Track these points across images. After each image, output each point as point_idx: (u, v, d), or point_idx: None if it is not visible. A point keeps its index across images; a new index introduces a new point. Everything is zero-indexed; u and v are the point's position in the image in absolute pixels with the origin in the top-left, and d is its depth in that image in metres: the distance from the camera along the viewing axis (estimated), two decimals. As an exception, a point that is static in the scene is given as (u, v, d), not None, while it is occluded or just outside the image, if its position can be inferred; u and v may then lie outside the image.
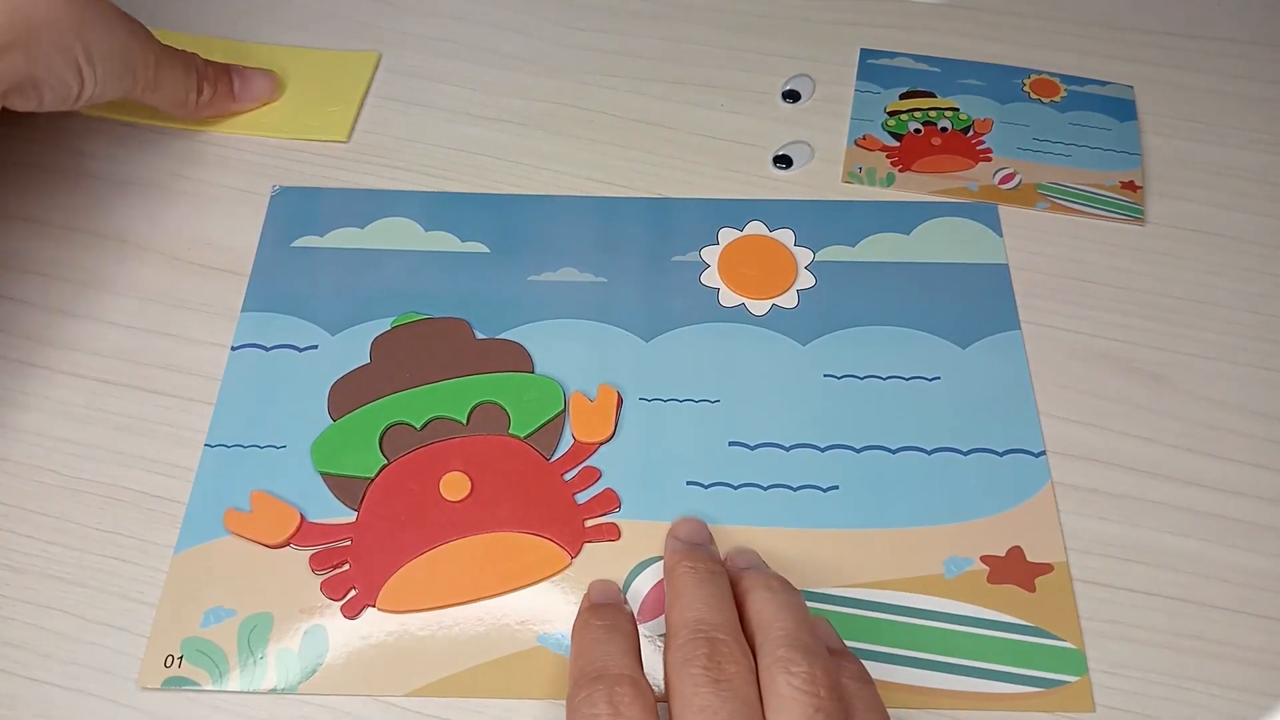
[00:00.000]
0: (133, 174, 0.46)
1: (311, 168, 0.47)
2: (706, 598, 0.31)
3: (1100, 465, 0.39)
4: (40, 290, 0.42)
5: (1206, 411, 0.40)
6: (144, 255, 0.44)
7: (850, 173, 0.47)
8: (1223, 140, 0.49)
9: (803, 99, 0.50)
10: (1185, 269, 0.44)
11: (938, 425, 0.39)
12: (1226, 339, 0.42)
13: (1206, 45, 0.53)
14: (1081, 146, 0.48)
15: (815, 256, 0.44)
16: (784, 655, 0.29)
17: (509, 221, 0.45)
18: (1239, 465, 0.39)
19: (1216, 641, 0.35)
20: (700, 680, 0.28)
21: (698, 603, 0.31)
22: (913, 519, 0.37)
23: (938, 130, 0.49)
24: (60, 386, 0.40)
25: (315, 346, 0.41)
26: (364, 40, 0.52)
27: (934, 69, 0.51)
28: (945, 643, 0.34)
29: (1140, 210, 0.46)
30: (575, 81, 0.50)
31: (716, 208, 0.45)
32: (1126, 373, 0.41)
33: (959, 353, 0.41)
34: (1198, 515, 0.37)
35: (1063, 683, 0.34)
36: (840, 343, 0.41)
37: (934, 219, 0.45)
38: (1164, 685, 0.34)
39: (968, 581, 0.36)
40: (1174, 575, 0.36)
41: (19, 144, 0.47)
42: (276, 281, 0.42)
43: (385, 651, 0.34)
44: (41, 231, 0.44)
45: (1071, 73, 0.51)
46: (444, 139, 0.48)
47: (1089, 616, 0.35)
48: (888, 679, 0.34)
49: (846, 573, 0.36)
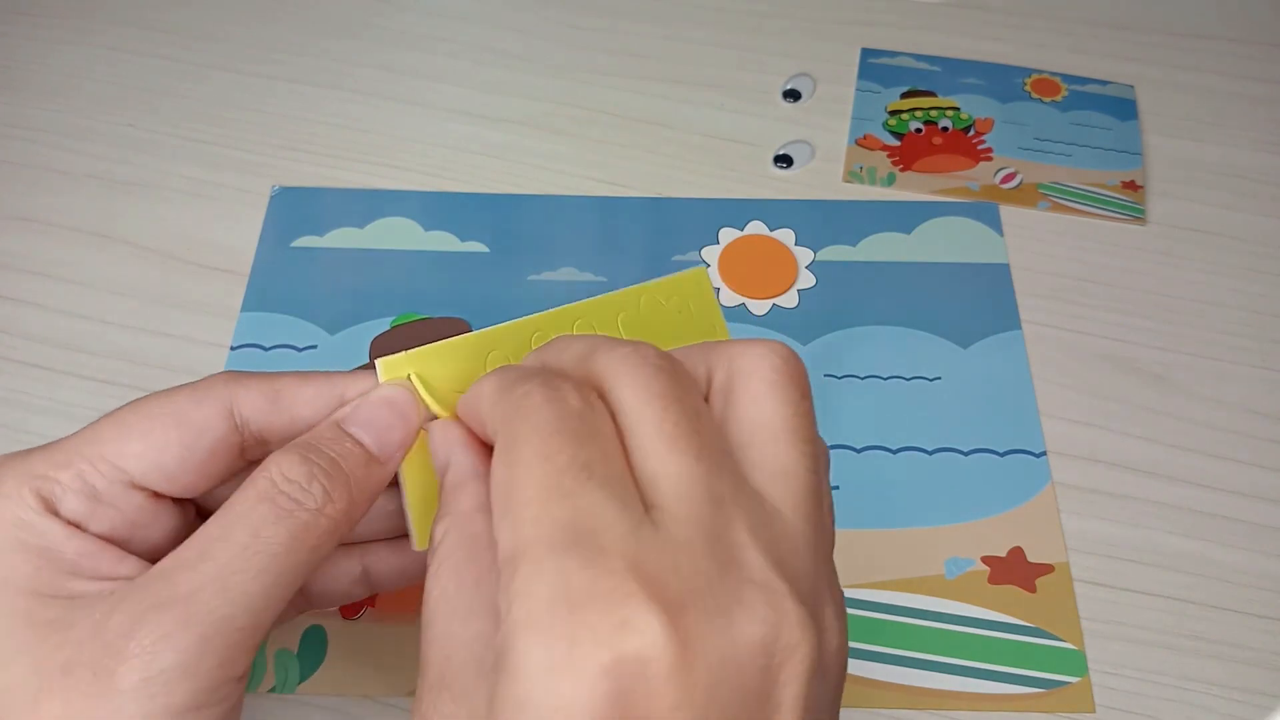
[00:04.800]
0: (133, 174, 0.46)
1: (311, 168, 0.46)
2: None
3: (1100, 465, 0.39)
4: (40, 290, 0.42)
5: (1207, 411, 0.40)
6: (144, 255, 0.44)
7: (851, 172, 0.47)
8: (1223, 140, 0.49)
9: (803, 98, 0.50)
10: (1186, 269, 0.44)
11: (938, 425, 0.39)
12: (1227, 339, 0.42)
13: (1207, 45, 0.53)
14: (1082, 146, 0.48)
15: (816, 256, 0.44)
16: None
17: (509, 221, 0.45)
18: (1239, 465, 0.39)
19: (1216, 641, 0.35)
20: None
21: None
22: (913, 519, 0.37)
23: (939, 129, 0.48)
24: (60, 386, 0.40)
25: (315, 346, 0.41)
26: (363, 39, 0.52)
27: (935, 68, 0.51)
28: (946, 643, 0.34)
29: (1141, 210, 0.46)
30: (575, 81, 0.50)
31: (716, 207, 0.45)
32: (1127, 373, 0.41)
33: (960, 352, 0.41)
34: (1198, 515, 0.37)
35: (1063, 683, 0.34)
36: (841, 343, 0.41)
37: (935, 218, 0.45)
38: (1164, 685, 0.34)
39: (968, 582, 0.36)
40: (1174, 575, 0.36)
41: (19, 144, 0.47)
42: (276, 281, 0.42)
43: (384, 652, 0.34)
44: (41, 231, 0.44)
45: (1072, 72, 0.51)
46: (444, 139, 0.48)
47: (1089, 617, 0.35)
48: (888, 679, 0.34)
49: (846, 573, 0.36)
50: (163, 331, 0.41)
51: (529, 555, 0.18)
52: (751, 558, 0.19)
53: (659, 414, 0.20)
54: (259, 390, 0.25)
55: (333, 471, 0.23)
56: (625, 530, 0.18)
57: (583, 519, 0.18)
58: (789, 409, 0.21)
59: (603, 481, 0.19)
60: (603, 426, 0.20)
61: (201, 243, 0.44)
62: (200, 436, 0.24)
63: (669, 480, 0.20)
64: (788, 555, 0.20)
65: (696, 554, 0.19)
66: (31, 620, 0.21)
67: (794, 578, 0.19)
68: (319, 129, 0.48)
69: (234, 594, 0.21)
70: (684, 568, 0.18)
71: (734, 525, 0.19)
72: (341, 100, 0.49)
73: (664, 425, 0.20)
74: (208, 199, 0.45)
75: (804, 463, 0.21)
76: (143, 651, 0.20)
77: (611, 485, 0.19)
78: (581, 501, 0.19)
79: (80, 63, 0.51)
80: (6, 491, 0.22)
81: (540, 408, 0.20)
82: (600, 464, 0.19)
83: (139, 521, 0.23)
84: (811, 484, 0.21)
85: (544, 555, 0.18)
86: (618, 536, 0.18)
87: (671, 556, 0.18)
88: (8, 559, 0.21)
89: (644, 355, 0.21)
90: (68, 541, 0.22)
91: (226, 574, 0.21)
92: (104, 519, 0.23)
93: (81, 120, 0.48)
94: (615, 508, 0.19)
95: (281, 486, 0.22)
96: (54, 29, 0.52)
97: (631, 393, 0.20)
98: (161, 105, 0.49)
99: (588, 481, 0.19)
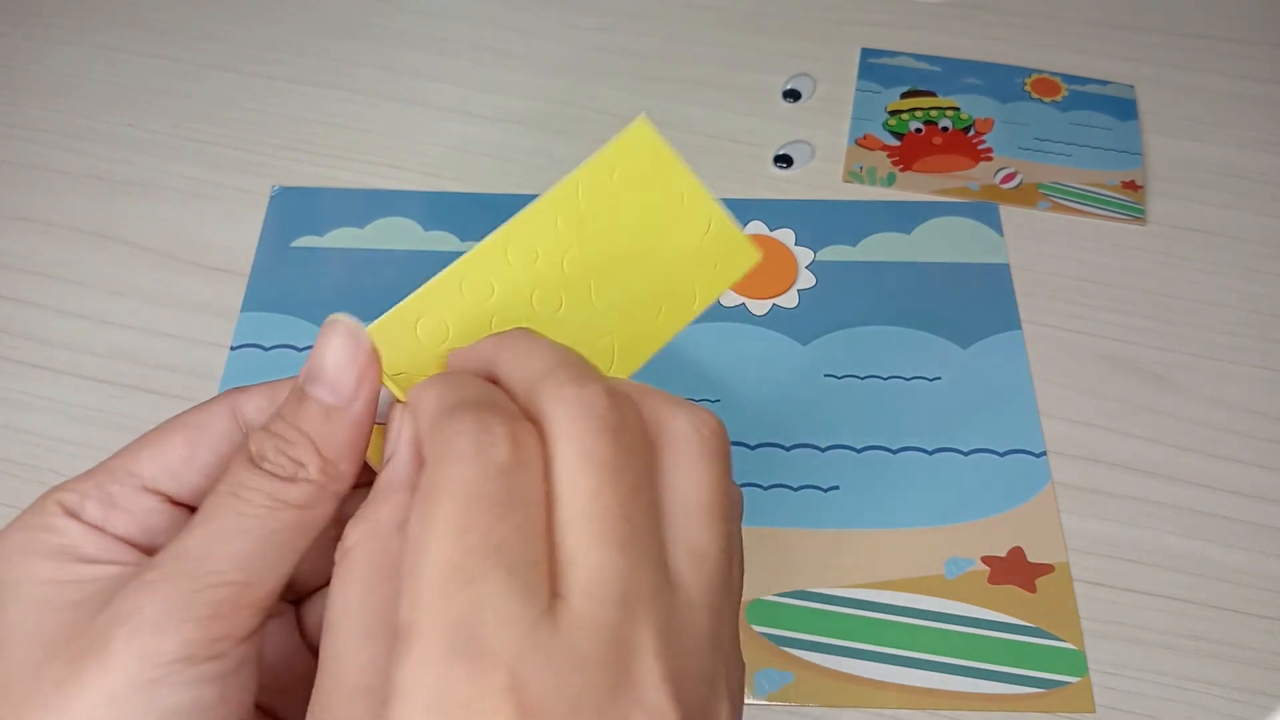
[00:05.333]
0: (133, 174, 0.46)
1: (311, 168, 0.46)
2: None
3: (1100, 465, 0.39)
4: (40, 290, 0.42)
5: (1207, 411, 0.40)
6: (144, 255, 0.44)
7: (851, 172, 0.47)
8: (1223, 140, 0.49)
9: (803, 98, 0.50)
10: (1186, 269, 0.44)
11: (938, 425, 0.39)
12: (1226, 339, 0.42)
13: (1207, 45, 0.53)
14: (1082, 146, 0.48)
15: (816, 256, 0.44)
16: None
17: (509, 221, 0.44)
18: (1239, 465, 0.39)
19: (1217, 641, 0.35)
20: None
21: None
22: (913, 519, 0.37)
23: (939, 129, 0.48)
24: (60, 386, 0.40)
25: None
26: (363, 39, 0.52)
27: (935, 68, 0.51)
28: (946, 643, 0.34)
29: (1141, 210, 0.46)
30: (575, 81, 0.50)
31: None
32: (1127, 373, 0.41)
33: (960, 353, 0.41)
34: (1198, 515, 0.37)
35: (1063, 683, 0.34)
36: (840, 342, 0.41)
37: (935, 218, 0.45)
38: (1164, 685, 0.34)
39: (968, 582, 0.36)
40: (1174, 575, 0.36)
41: (19, 144, 0.47)
42: (276, 281, 0.42)
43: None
44: (41, 231, 0.44)
45: (1072, 72, 0.51)
46: (444, 139, 0.48)
47: (1089, 617, 0.35)
48: (888, 679, 0.34)
49: (846, 573, 0.36)
50: (163, 331, 0.41)
51: (418, 647, 0.18)
52: (649, 672, 0.19)
53: (594, 488, 0.20)
54: (260, 392, 0.25)
55: (296, 439, 0.23)
56: (520, 633, 0.18)
57: (479, 614, 0.18)
58: (715, 485, 0.21)
59: (510, 569, 0.19)
60: (527, 492, 0.20)
61: (201, 243, 0.44)
62: (203, 435, 0.24)
63: (584, 573, 0.19)
64: (690, 659, 0.20)
65: (591, 671, 0.18)
66: (49, 605, 0.22)
67: (689, 695, 0.19)
68: (319, 129, 0.48)
69: (219, 552, 0.22)
70: (572, 688, 0.18)
71: (639, 629, 0.19)
72: (341, 100, 0.49)
73: (595, 506, 0.19)
74: (208, 199, 0.45)
75: (719, 543, 0.21)
76: (134, 608, 0.21)
77: (518, 574, 0.19)
78: (483, 590, 0.18)
79: (80, 63, 0.51)
80: (36, 508, 0.23)
81: (466, 459, 0.19)
82: (512, 547, 0.19)
83: (153, 526, 0.24)
84: (723, 568, 0.21)
85: (431, 653, 0.18)
86: (510, 641, 0.18)
87: (562, 674, 0.18)
88: (32, 560, 0.22)
89: (592, 406, 0.20)
90: (87, 539, 0.23)
91: (211, 534, 0.22)
92: (120, 522, 0.23)
93: (81, 120, 0.48)
94: (517, 603, 0.18)
95: (256, 460, 0.23)
96: (54, 29, 0.52)
97: (572, 453, 0.20)
98: (161, 105, 0.49)
99: (495, 568, 0.18)
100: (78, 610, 0.21)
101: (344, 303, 0.42)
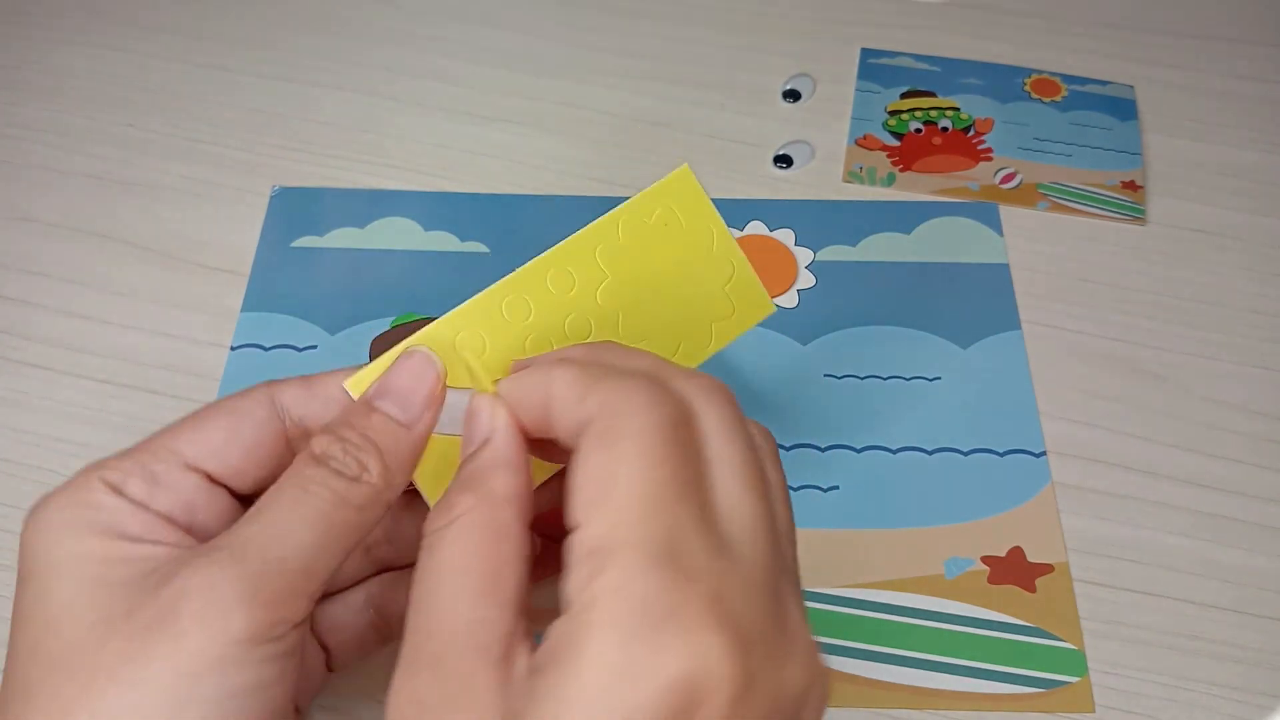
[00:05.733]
0: (133, 174, 0.46)
1: (311, 168, 0.46)
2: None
3: (1100, 465, 0.39)
4: (40, 290, 0.42)
5: (1207, 411, 0.40)
6: (144, 255, 0.44)
7: (851, 172, 0.47)
8: (1223, 140, 0.49)
9: (803, 98, 0.50)
10: (1185, 269, 0.44)
11: (938, 425, 0.39)
12: (1226, 339, 0.42)
13: (1206, 45, 0.53)
14: (1082, 146, 0.48)
15: (815, 256, 0.44)
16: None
17: (509, 221, 0.45)
18: (1239, 465, 0.39)
19: (1216, 641, 0.35)
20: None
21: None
22: (913, 519, 0.37)
23: (938, 130, 0.48)
24: (60, 386, 0.40)
25: (315, 346, 0.41)
26: (363, 39, 0.52)
27: (935, 68, 0.51)
28: (945, 643, 0.34)
29: (1141, 210, 0.46)
30: (575, 81, 0.50)
31: (716, 207, 0.45)
32: (1127, 373, 0.41)
33: (959, 353, 0.41)
34: (1198, 515, 0.37)
35: (1063, 683, 0.34)
36: (840, 343, 0.41)
37: (934, 219, 0.45)
38: (1164, 685, 0.34)
39: (968, 582, 0.36)
40: (1174, 575, 0.36)
41: (19, 144, 0.47)
42: (276, 281, 0.42)
43: (384, 652, 0.34)
44: (41, 231, 0.44)
45: (1072, 72, 0.51)
46: (444, 139, 0.48)
47: (1089, 616, 0.35)
48: (888, 679, 0.34)
49: (846, 573, 0.36)
50: (163, 331, 0.41)
51: (622, 558, 0.20)
52: (793, 610, 0.21)
53: (742, 452, 0.22)
54: (295, 383, 0.27)
55: (363, 444, 0.24)
56: (709, 559, 0.20)
57: (676, 538, 0.20)
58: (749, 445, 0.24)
59: (695, 505, 0.21)
60: (699, 448, 0.22)
61: (201, 243, 0.44)
62: (244, 419, 0.26)
63: (745, 518, 0.21)
64: (801, 608, 0.22)
65: (763, 597, 0.21)
66: (103, 582, 0.22)
67: (812, 637, 0.22)
68: (319, 129, 0.48)
69: (285, 539, 0.23)
70: (754, 609, 0.20)
71: (784, 573, 0.22)
72: (341, 100, 0.49)
73: (743, 464, 0.22)
74: (208, 199, 0.45)
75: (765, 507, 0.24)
76: (203, 586, 0.22)
77: (702, 510, 0.21)
78: (676, 519, 0.20)
79: (80, 63, 0.51)
80: (79, 484, 0.24)
81: (648, 408, 0.21)
82: (694, 487, 0.21)
83: (196, 503, 0.25)
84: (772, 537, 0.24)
85: (637, 563, 0.19)
86: (703, 564, 0.20)
87: (745, 596, 0.20)
88: (81, 537, 0.23)
89: (718, 386, 0.23)
90: (132, 516, 0.23)
91: (278, 522, 0.23)
92: (163, 499, 0.24)
93: (81, 120, 0.48)
94: (702, 534, 0.20)
95: (322, 459, 0.24)
96: (54, 29, 0.52)
97: (718, 424, 0.22)
98: (161, 105, 0.49)
99: (684, 501, 0.20)
100: (130, 588, 0.22)
101: (344, 302, 0.42)
